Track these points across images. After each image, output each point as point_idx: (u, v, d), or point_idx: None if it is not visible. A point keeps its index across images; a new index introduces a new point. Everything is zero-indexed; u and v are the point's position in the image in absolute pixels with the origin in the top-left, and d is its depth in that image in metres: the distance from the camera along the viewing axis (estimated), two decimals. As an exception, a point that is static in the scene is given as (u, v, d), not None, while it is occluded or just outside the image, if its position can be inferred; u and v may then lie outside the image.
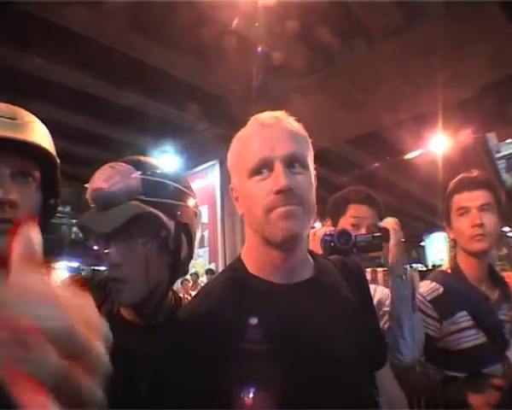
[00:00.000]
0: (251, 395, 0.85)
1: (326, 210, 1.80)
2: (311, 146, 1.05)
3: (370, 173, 7.29)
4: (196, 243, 1.30)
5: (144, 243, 1.14)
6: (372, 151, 6.59)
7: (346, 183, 8.02)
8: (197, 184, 5.91)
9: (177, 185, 1.22)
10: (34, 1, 3.32)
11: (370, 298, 1.16)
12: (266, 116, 1.01)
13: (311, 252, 1.09)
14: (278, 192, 0.91)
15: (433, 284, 1.66)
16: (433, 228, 14.36)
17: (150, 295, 1.17)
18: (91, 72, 4.49)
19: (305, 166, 0.97)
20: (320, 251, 1.49)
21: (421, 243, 15.67)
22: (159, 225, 1.14)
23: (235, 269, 1.05)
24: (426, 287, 1.65)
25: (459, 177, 1.70)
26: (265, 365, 0.88)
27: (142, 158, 1.23)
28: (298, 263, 1.00)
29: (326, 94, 4.65)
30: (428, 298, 1.61)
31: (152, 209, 1.12)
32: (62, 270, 10.47)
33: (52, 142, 1.08)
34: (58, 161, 1.08)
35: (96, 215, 1.14)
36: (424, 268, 9.59)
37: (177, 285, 4.99)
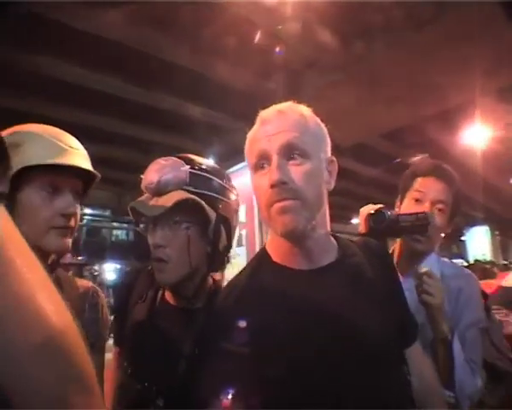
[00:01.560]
0: (278, 382, 0.86)
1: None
2: (321, 135, 1.04)
3: (406, 166, 7.16)
4: (235, 237, 1.39)
5: (187, 228, 1.26)
6: (408, 145, 6.47)
7: (380, 176, 7.92)
8: (234, 184, 5.98)
9: (220, 181, 1.33)
10: (68, 11, 3.45)
11: (396, 278, 1.15)
12: (268, 111, 1.03)
13: (334, 235, 1.10)
14: (272, 187, 0.92)
15: None
16: (474, 222, 13.93)
17: (189, 279, 1.27)
18: (127, 77, 4.61)
19: (306, 156, 0.96)
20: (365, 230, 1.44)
21: (462, 238, 15.22)
22: (201, 214, 1.24)
23: (260, 258, 1.08)
24: None
25: None
26: (294, 351, 0.89)
27: (191, 155, 1.35)
28: (314, 250, 1.00)
29: (359, 89, 4.61)
30: None
31: (195, 197, 1.23)
32: (106, 271, 10.82)
33: None
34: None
35: (146, 201, 1.27)
36: (465, 263, 9.32)
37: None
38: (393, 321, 1.00)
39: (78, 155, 1.25)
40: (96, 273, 11.46)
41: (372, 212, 1.42)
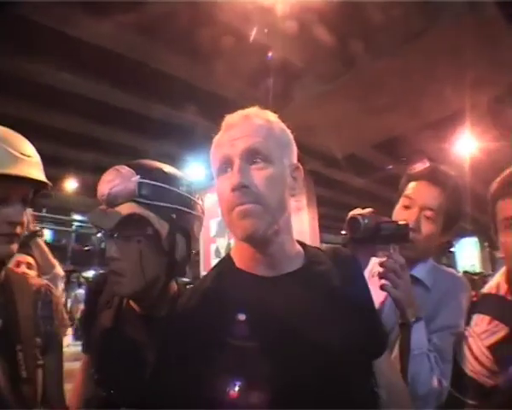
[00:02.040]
0: (237, 390, 0.84)
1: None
2: (286, 141, 1.03)
3: (392, 176, 7.19)
4: (196, 244, 1.36)
5: (139, 241, 1.22)
6: (399, 155, 6.51)
7: (371, 186, 7.96)
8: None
9: (175, 189, 1.28)
10: (60, 18, 3.43)
11: (365, 287, 1.11)
12: (233, 115, 1.02)
13: (301, 242, 1.09)
14: (233, 190, 0.91)
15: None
16: (463, 233, 14.03)
17: (147, 289, 1.24)
18: (119, 85, 4.59)
19: (269, 161, 0.95)
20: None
21: (451, 249, 15.32)
22: (149, 226, 1.22)
23: (223, 264, 1.07)
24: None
25: (504, 175, 1.37)
26: (251, 359, 0.87)
27: (145, 162, 1.31)
28: (277, 256, 0.98)
29: (350, 100, 4.63)
30: None
31: (140, 211, 1.21)
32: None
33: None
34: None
35: (100, 213, 1.24)
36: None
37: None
38: (360, 332, 0.97)
39: (29, 164, 1.21)
40: (82, 280, 11.37)
41: (348, 218, 1.35)
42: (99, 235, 1.38)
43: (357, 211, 1.36)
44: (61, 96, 4.50)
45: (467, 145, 6.65)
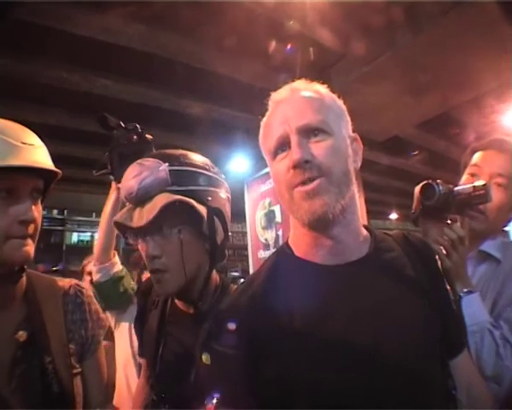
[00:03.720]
0: (295, 389, 0.78)
1: None
2: (340, 111, 0.98)
3: (439, 154, 6.94)
4: (229, 226, 1.31)
5: (179, 231, 1.18)
6: (444, 134, 6.28)
7: (416, 168, 7.73)
8: (268, 185, 6.00)
9: (204, 171, 1.25)
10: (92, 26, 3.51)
11: (440, 276, 1.03)
12: (281, 92, 0.97)
13: (367, 227, 1.00)
14: (294, 167, 0.85)
15: None
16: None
17: (191, 282, 1.20)
18: (154, 85, 4.64)
19: (328, 133, 0.89)
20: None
21: (505, 228, 14.59)
22: (191, 212, 1.17)
23: (281, 253, 0.98)
24: None
25: None
26: (314, 355, 0.81)
27: (166, 151, 1.27)
28: (343, 240, 0.90)
29: (390, 80, 4.51)
30: None
31: (182, 197, 1.15)
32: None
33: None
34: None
35: (130, 211, 1.19)
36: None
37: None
38: (436, 327, 0.90)
39: (33, 152, 1.11)
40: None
41: (420, 186, 1.30)
42: (130, 237, 1.27)
43: (425, 183, 1.31)
44: (98, 101, 4.60)
45: (513, 119, 6.32)
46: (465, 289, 1.24)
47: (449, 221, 1.30)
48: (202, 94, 4.81)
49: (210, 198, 1.22)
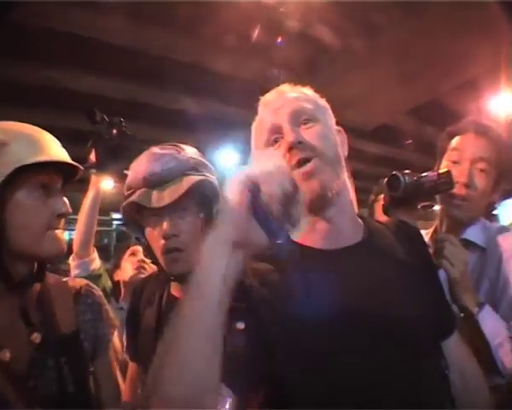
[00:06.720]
0: (300, 370, 0.79)
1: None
2: (324, 106, 1.03)
3: (427, 143, 6.97)
4: None
5: (198, 211, 1.26)
6: (434, 120, 6.30)
7: (405, 155, 7.76)
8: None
9: (208, 164, 1.35)
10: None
11: (431, 262, 1.05)
12: (268, 94, 1.03)
13: (359, 215, 1.03)
14: (290, 149, 0.90)
15: None
16: (507, 195, 13.50)
17: None
18: (140, 81, 4.65)
19: (316, 120, 0.95)
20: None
21: (494, 212, 14.75)
22: (212, 194, 1.26)
23: None
24: None
25: None
26: (313, 338, 0.81)
27: (175, 144, 1.35)
28: (338, 223, 0.93)
29: (377, 68, 4.51)
30: None
31: (209, 177, 1.25)
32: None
33: None
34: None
35: (148, 193, 1.23)
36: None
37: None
38: (429, 309, 0.92)
39: (59, 149, 1.15)
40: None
41: (386, 178, 1.28)
42: (144, 219, 1.30)
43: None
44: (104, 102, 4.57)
45: (503, 103, 6.34)
46: (477, 305, 1.20)
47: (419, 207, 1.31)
48: (192, 88, 4.79)
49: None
